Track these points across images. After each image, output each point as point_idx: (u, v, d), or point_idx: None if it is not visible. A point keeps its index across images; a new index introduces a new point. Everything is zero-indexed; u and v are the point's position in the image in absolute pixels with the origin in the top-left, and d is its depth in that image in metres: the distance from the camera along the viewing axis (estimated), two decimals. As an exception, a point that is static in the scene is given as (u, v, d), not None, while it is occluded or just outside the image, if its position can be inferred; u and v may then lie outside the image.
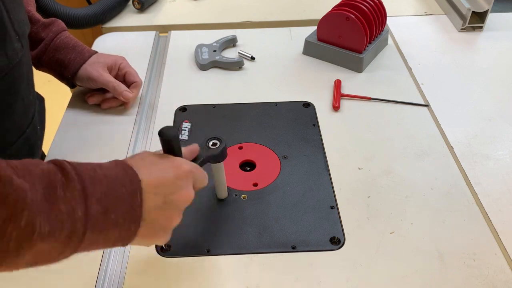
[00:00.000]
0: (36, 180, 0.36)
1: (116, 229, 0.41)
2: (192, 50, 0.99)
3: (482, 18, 1.03)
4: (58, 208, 0.37)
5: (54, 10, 0.97)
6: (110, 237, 0.42)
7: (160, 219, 0.46)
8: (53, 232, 0.36)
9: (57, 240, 0.37)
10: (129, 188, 0.42)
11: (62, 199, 0.37)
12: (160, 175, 0.46)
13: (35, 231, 0.35)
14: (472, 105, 0.85)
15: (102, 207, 0.40)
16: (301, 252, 0.61)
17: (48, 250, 0.37)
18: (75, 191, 0.38)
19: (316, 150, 0.76)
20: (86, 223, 0.39)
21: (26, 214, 0.35)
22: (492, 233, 0.63)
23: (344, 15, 0.90)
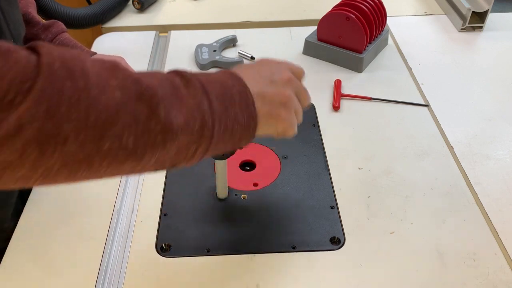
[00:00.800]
0: (161, 81, 0.39)
1: (237, 125, 0.43)
2: (192, 50, 0.98)
3: (482, 18, 1.03)
4: (187, 101, 0.39)
5: (54, 10, 0.97)
6: (234, 133, 0.43)
7: (273, 97, 0.47)
8: (187, 123, 0.38)
9: (192, 132, 0.39)
10: (238, 87, 0.44)
11: (187, 95, 0.39)
12: (258, 69, 0.49)
13: (173, 123, 0.37)
14: (472, 105, 0.85)
15: (221, 104, 0.42)
16: (301, 252, 0.61)
17: (187, 143, 0.39)
18: (196, 88, 0.40)
19: (316, 150, 0.76)
20: (212, 115, 0.40)
21: (162, 107, 0.37)
22: (492, 233, 0.63)
23: (344, 15, 0.90)
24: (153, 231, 0.64)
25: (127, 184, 0.71)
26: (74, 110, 0.32)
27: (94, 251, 0.61)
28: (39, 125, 0.31)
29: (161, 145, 0.37)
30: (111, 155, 0.35)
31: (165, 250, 0.61)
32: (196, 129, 0.39)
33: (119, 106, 0.34)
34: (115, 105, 0.34)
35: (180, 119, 0.38)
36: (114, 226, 0.65)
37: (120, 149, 0.35)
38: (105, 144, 0.34)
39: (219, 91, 0.42)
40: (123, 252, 0.62)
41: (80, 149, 0.33)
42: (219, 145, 0.43)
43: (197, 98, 0.40)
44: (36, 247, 0.62)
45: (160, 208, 0.67)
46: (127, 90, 0.35)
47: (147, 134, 0.36)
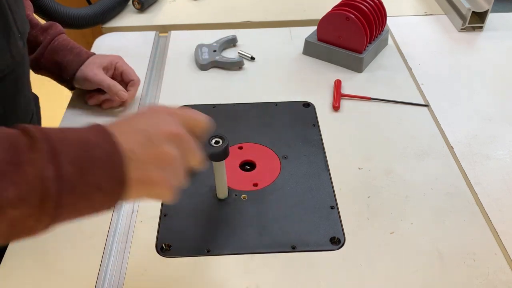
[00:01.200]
0: (1, 142, 0.34)
1: (99, 192, 0.38)
2: (192, 50, 0.98)
3: (482, 18, 1.03)
4: (25, 169, 0.34)
5: (54, 10, 0.97)
6: (94, 201, 0.38)
7: (150, 157, 0.41)
8: (21, 196, 0.34)
9: (29, 206, 0.34)
10: (106, 146, 0.38)
11: (27, 161, 0.34)
12: (137, 121, 0.43)
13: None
14: (472, 105, 0.85)
15: (77, 169, 0.36)
16: (301, 252, 0.61)
17: (22, 218, 0.35)
18: (42, 152, 0.35)
19: (316, 150, 0.76)
20: (60, 185, 0.35)
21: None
22: (492, 233, 0.63)
23: (344, 15, 0.90)
24: (153, 231, 0.64)
25: (127, 184, 0.71)
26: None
27: (94, 251, 0.61)
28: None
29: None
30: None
31: (165, 250, 0.61)
32: (34, 202, 0.34)
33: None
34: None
35: (9, 193, 0.33)
36: (114, 226, 0.65)
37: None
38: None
39: (76, 153, 0.37)
40: (123, 252, 0.62)
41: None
42: (72, 214, 0.38)
43: (40, 164, 0.34)
44: (36, 247, 0.62)
45: (160, 208, 0.67)
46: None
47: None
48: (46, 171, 0.35)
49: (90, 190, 0.37)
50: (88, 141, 0.38)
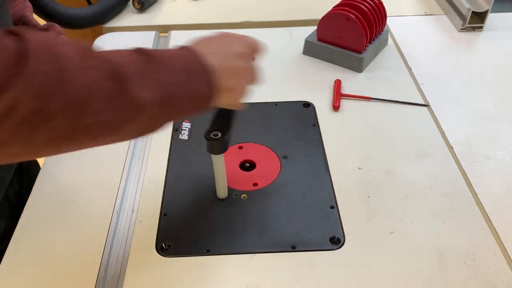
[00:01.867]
0: (129, 59, 0.41)
1: (199, 95, 0.47)
2: (192, 50, 0.98)
3: (482, 18, 1.03)
4: (152, 77, 0.42)
5: (54, 10, 0.97)
6: (197, 103, 0.47)
7: (229, 70, 0.50)
8: (157, 97, 0.42)
9: (161, 105, 0.43)
10: (196, 60, 0.47)
11: (152, 71, 0.43)
12: (213, 43, 0.53)
13: (144, 97, 0.41)
14: (472, 105, 0.85)
15: (185, 76, 0.45)
16: (301, 252, 0.61)
17: (157, 113, 0.43)
18: (160, 64, 0.44)
19: (316, 150, 0.76)
20: (176, 87, 0.44)
21: (133, 84, 0.40)
22: (492, 233, 0.63)
23: (344, 15, 0.90)
24: (153, 231, 0.64)
25: (127, 184, 0.71)
26: (59, 89, 0.35)
27: (94, 251, 0.61)
28: (29, 106, 0.34)
29: (135, 118, 0.41)
30: (92, 129, 0.38)
31: (165, 250, 0.61)
32: (165, 101, 0.43)
33: (96, 84, 0.37)
34: (92, 84, 0.37)
35: (150, 94, 0.41)
36: (114, 226, 0.65)
37: (99, 124, 0.38)
38: (86, 120, 0.37)
39: (180, 65, 0.45)
40: (123, 252, 0.62)
41: (66, 124, 0.36)
42: (183, 112, 0.47)
43: (163, 74, 0.43)
44: (36, 247, 0.62)
45: (160, 208, 0.67)
46: (101, 69, 0.38)
47: (122, 109, 0.39)
48: (169, 78, 0.44)
49: (192, 93, 0.46)
50: (184, 57, 0.47)
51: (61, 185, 0.71)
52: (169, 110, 0.45)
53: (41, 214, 0.66)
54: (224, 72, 0.49)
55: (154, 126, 0.45)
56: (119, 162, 0.74)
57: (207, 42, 0.53)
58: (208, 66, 0.47)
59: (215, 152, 0.61)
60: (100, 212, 0.66)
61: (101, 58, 0.39)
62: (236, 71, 0.51)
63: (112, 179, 0.71)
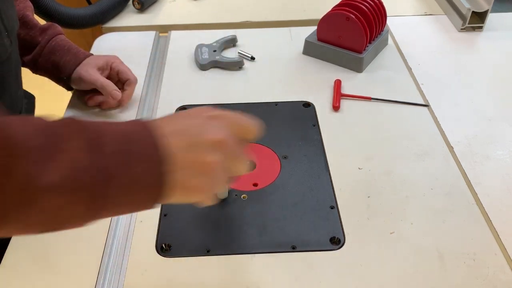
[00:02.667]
0: (38, 130, 0.34)
1: (141, 188, 0.37)
2: (192, 50, 0.98)
3: (482, 18, 1.03)
4: (68, 156, 0.34)
5: (54, 10, 0.97)
6: (133, 197, 0.37)
7: (192, 163, 0.39)
8: (64, 181, 0.33)
9: (73, 192, 0.34)
10: (149, 141, 0.38)
11: (71, 148, 0.34)
12: (182, 122, 0.41)
13: (40, 180, 0.33)
14: (472, 105, 0.85)
15: (120, 160, 0.36)
16: (301, 252, 0.61)
17: (64, 205, 0.34)
18: (86, 140, 0.35)
19: (316, 150, 0.76)
20: (104, 174, 0.35)
21: (24, 161, 0.32)
22: (492, 233, 0.63)
23: (344, 15, 0.90)
24: (153, 231, 0.64)
25: (127, 184, 0.71)
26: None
27: (94, 251, 0.61)
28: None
29: (24, 206, 0.33)
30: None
31: (165, 250, 0.61)
32: (78, 188, 0.34)
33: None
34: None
35: (52, 177, 0.33)
36: (114, 226, 0.65)
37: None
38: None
39: (120, 146, 0.36)
40: (123, 252, 0.62)
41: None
42: (115, 208, 0.38)
43: (84, 153, 0.34)
44: (36, 247, 0.62)
45: (160, 208, 0.67)
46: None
47: (7, 193, 0.32)
48: (92, 159, 0.34)
49: (129, 184, 0.36)
50: (132, 135, 0.37)
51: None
52: (90, 201, 0.35)
53: (41, 214, 0.66)
54: (185, 163, 0.39)
55: (69, 220, 0.36)
56: (119, 162, 0.74)
57: (174, 119, 0.42)
58: (162, 150, 0.37)
59: None
60: (100, 212, 0.66)
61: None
62: (202, 165, 0.40)
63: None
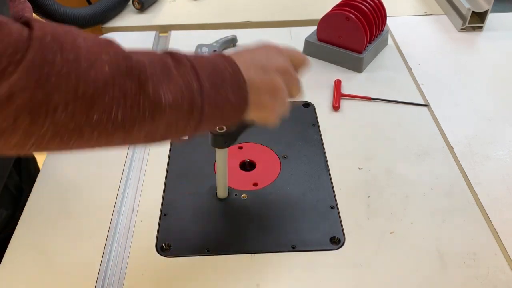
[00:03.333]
0: (152, 59, 0.40)
1: (228, 105, 0.44)
2: (192, 50, 0.98)
3: (482, 18, 1.03)
4: (176, 81, 0.40)
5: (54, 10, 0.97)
6: (224, 113, 0.45)
7: (264, 85, 0.47)
8: (176, 101, 0.40)
9: (181, 110, 0.40)
10: (230, 69, 0.45)
11: (177, 75, 0.41)
12: (253, 54, 0.50)
13: (161, 99, 0.39)
14: (472, 105, 0.85)
15: (212, 84, 0.43)
16: (301, 252, 0.61)
17: (176, 120, 0.41)
18: (187, 68, 0.42)
19: (316, 150, 0.76)
20: (202, 95, 0.42)
21: (150, 84, 0.38)
22: (492, 233, 0.63)
23: (344, 15, 0.90)
24: (153, 231, 0.64)
25: (127, 184, 0.71)
26: (64, 81, 0.33)
27: (94, 251, 0.61)
28: (29, 94, 0.32)
29: (149, 120, 0.39)
30: (101, 127, 0.37)
31: (165, 250, 0.61)
32: (185, 107, 0.41)
33: (108, 80, 0.36)
34: (103, 79, 0.35)
35: (168, 97, 0.39)
36: (114, 226, 0.65)
37: (109, 122, 0.37)
38: (93, 116, 0.35)
39: (210, 72, 0.43)
40: (123, 252, 0.62)
41: (70, 119, 0.35)
42: (209, 123, 0.45)
43: (187, 78, 0.41)
44: (36, 247, 0.62)
45: (160, 208, 0.67)
46: (116, 65, 0.36)
47: (136, 109, 0.37)
48: (192, 84, 0.41)
49: (222, 103, 0.44)
50: (217, 64, 0.44)
51: (61, 185, 0.71)
52: (191, 117, 0.42)
53: (41, 214, 0.66)
54: (259, 86, 0.47)
55: (172, 133, 0.43)
56: (119, 162, 0.74)
57: (247, 53, 0.50)
58: (243, 77, 0.45)
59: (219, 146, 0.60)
60: (100, 212, 0.66)
61: (120, 55, 0.37)
62: (273, 88, 0.48)
63: (112, 179, 0.71)
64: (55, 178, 0.72)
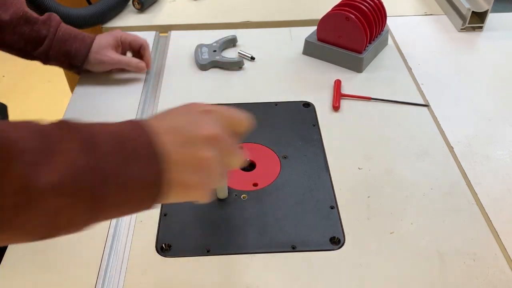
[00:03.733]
0: (31, 133, 0.33)
1: (137, 184, 0.37)
2: (192, 50, 0.98)
3: (482, 18, 1.03)
4: (63, 157, 0.33)
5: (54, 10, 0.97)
6: (131, 196, 0.37)
7: (187, 160, 0.39)
8: (62, 182, 0.33)
9: (71, 194, 0.33)
10: (142, 140, 0.37)
11: (65, 150, 0.34)
12: (175, 119, 0.42)
13: (38, 181, 0.32)
14: (472, 105, 0.85)
15: (111, 159, 0.35)
16: (301, 252, 0.61)
17: (64, 206, 0.34)
18: (81, 142, 0.35)
19: (316, 150, 0.76)
20: (93, 175, 0.34)
21: (20, 162, 0.32)
22: (492, 233, 0.63)
23: (344, 15, 0.90)
24: (153, 231, 0.64)
25: (127, 184, 0.71)
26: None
27: (94, 251, 0.61)
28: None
29: (23, 208, 0.32)
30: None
31: (165, 250, 0.61)
32: (76, 188, 0.33)
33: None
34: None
35: (49, 178, 0.32)
36: (114, 226, 0.65)
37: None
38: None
39: (114, 145, 0.36)
40: (123, 252, 0.62)
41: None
42: (114, 209, 0.37)
43: (72, 155, 0.34)
44: (36, 247, 0.62)
45: (160, 208, 0.67)
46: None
47: (5, 195, 0.31)
48: (78, 161, 0.34)
49: (126, 183, 0.36)
50: (126, 134, 0.37)
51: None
52: (89, 201, 0.34)
53: (41, 214, 0.66)
54: (180, 160, 0.38)
55: (67, 224, 0.35)
56: (119, 162, 0.74)
57: (167, 116, 0.42)
58: (157, 148, 0.37)
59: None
60: (100, 212, 0.66)
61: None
62: (198, 161, 0.39)
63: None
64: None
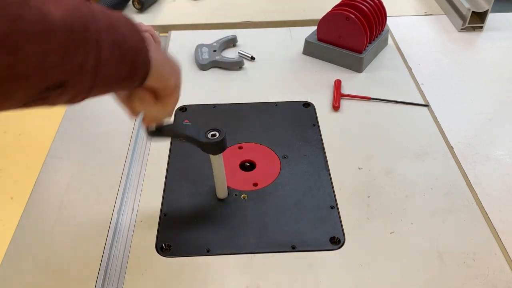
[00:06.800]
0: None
1: (127, 43, 0.41)
2: (192, 50, 0.99)
3: (482, 18, 1.03)
4: (65, 1, 0.36)
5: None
6: (125, 51, 0.41)
7: (165, 62, 0.49)
8: (66, 20, 0.35)
9: (73, 31, 0.35)
10: (130, 26, 0.42)
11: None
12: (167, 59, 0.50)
13: (48, 14, 0.34)
14: (472, 105, 0.85)
15: (107, 19, 0.39)
16: (301, 252, 0.61)
17: (69, 42, 0.35)
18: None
19: (316, 150, 0.76)
20: (96, 23, 0.38)
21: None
22: (492, 233, 0.63)
23: (344, 15, 0.90)
24: (153, 231, 0.64)
25: (127, 184, 0.71)
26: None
27: (94, 251, 0.61)
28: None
29: (37, 36, 0.33)
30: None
31: (165, 250, 0.61)
32: (78, 30, 0.36)
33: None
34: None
35: (57, 13, 0.34)
36: (114, 226, 0.65)
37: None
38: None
39: (109, 18, 0.39)
40: (123, 252, 0.62)
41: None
42: (111, 64, 0.40)
43: (77, 2, 0.37)
44: (36, 247, 0.62)
45: (160, 208, 0.67)
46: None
47: (19, 20, 0.32)
48: (83, 9, 0.37)
49: (120, 38, 0.40)
50: (120, 20, 0.41)
51: (60, 185, 0.71)
52: (91, 46, 0.37)
53: (41, 214, 0.66)
54: (159, 59, 0.46)
55: (74, 67, 0.36)
56: (119, 162, 0.74)
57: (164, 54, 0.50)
58: (145, 38, 0.43)
59: (213, 153, 0.61)
60: (100, 212, 0.66)
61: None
62: (177, 71, 0.52)
63: (112, 179, 0.71)
64: (55, 178, 0.72)
